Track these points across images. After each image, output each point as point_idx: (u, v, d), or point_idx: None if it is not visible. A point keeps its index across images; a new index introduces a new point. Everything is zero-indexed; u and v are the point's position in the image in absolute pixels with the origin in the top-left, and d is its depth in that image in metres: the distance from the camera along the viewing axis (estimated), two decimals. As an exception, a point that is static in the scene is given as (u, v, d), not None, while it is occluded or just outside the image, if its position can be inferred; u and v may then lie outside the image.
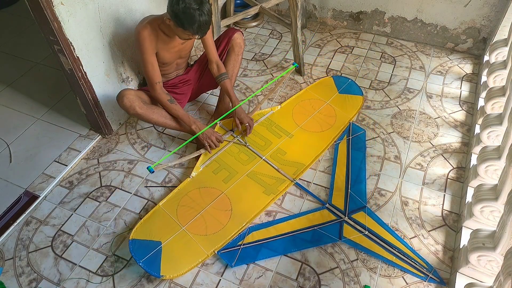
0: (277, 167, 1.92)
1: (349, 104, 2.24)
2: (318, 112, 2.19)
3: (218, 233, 1.68)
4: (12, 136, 2.18)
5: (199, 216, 1.73)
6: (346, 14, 2.77)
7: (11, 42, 2.84)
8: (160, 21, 1.79)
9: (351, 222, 1.71)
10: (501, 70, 2.01)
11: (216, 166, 1.93)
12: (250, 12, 2.41)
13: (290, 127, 2.12)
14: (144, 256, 1.58)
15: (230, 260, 1.61)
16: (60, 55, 1.78)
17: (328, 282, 1.56)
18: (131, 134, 2.19)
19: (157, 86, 1.88)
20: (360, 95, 2.29)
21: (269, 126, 2.12)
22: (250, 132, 2.05)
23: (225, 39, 2.09)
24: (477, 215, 1.56)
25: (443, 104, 2.25)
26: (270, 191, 1.83)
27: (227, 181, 1.87)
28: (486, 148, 1.67)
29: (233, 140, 2.04)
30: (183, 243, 1.65)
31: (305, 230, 1.70)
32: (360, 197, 1.80)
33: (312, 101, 2.26)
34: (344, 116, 2.17)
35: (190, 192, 1.83)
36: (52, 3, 1.60)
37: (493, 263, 1.40)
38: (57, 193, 1.92)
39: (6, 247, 1.73)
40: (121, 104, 1.86)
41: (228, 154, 1.99)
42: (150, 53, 1.81)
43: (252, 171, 1.91)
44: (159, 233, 1.67)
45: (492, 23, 2.39)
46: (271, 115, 2.18)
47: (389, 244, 1.63)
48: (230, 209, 1.76)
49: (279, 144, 2.03)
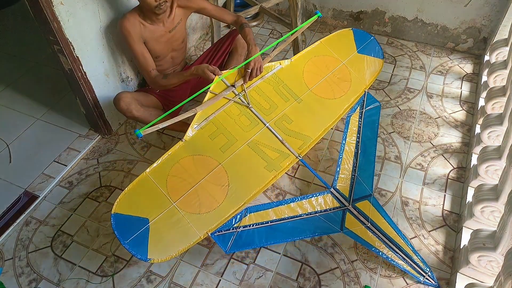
0: (282, 138, 1.71)
1: (367, 68, 2.00)
2: (331, 73, 1.94)
3: (212, 212, 1.51)
4: (12, 136, 2.18)
5: (192, 191, 1.53)
6: (346, 13, 2.77)
7: (11, 42, 2.84)
8: (138, 11, 1.80)
9: (355, 211, 1.62)
10: (502, 70, 2.00)
11: (213, 130, 1.68)
12: (250, 12, 2.41)
13: (299, 89, 1.86)
14: (129, 235, 1.41)
15: (224, 244, 1.49)
16: (59, 55, 1.78)
17: (328, 283, 1.56)
18: (130, 134, 2.18)
19: (152, 73, 1.87)
20: (380, 58, 2.06)
21: (276, 85, 1.85)
22: (253, 75, 1.79)
23: (228, 39, 2.09)
24: (477, 215, 1.55)
25: (444, 104, 2.25)
26: (272, 167, 1.64)
27: (225, 150, 1.64)
28: (486, 148, 1.67)
29: (234, 98, 1.76)
30: (173, 221, 1.47)
31: (306, 216, 1.60)
32: (367, 183, 1.70)
33: (326, 59, 1.98)
34: (360, 82, 1.96)
35: (183, 160, 1.60)
36: (51, 3, 1.60)
37: (494, 263, 1.40)
38: (56, 193, 1.92)
39: (6, 247, 1.72)
40: (117, 107, 1.86)
41: (228, 115, 1.72)
42: (137, 42, 1.81)
43: (254, 140, 1.69)
44: (147, 208, 1.48)
45: (493, 23, 2.38)
46: (279, 70, 1.89)
47: (390, 240, 1.57)
48: (227, 184, 1.57)
49: (285, 110, 1.79)
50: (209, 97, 1.74)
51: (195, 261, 1.64)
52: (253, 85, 1.82)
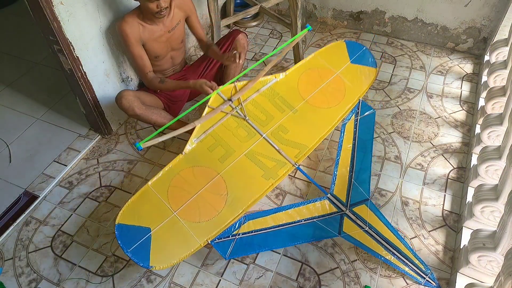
0: (278, 148, 1.76)
1: (361, 77, 2.04)
2: (326, 84, 1.99)
3: (212, 221, 1.56)
4: (12, 136, 2.18)
5: (192, 200, 1.59)
6: (346, 13, 2.77)
7: (11, 42, 2.84)
8: (138, 12, 1.81)
9: (352, 216, 1.63)
10: (502, 70, 2.00)
11: (211, 142, 1.74)
12: (250, 12, 2.41)
13: (294, 100, 1.91)
14: (132, 244, 1.47)
15: (223, 251, 1.52)
16: (59, 55, 1.78)
17: (328, 283, 1.56)
18: (130, 134, 2.18)
19: (148, 75, 1.91)
20: (373, 67, 2.09)
21: (272, 98, 1.90)
22: (235, 59, 1.85)
23: (229, 39, 2.09)
24: (477, 215, 1.55)
25: (444, 104, 2.25)
26: (270, 175, 1.68)
27: (223, 161, 1.70)
28: (486, 148, 1.67)
29: (231, 111, 1.82)
30: (174, 230, 1.52)
31: (304, 222, 1.63)
32: (363, 188, 1.71)
33: (321, 70, 2.03)
34: (354, 91, 1.99)
35: (183, 171, 1.66)
36: (51, 3, 1.60)
37: (494, 263, 1.40)
38: (56, 193, 1.92)
39: (6, 247, 1.72)
40: (119, 105, 1.86)
41: (225, 128, 1.79)
42: (135, 44, 1.83)
43: (251, 151, 1.74)
44: (148, 218, 1.54)
45: (493, 23, 2.38)
46: (275, 83, 1.95)
47: (388, 243, 1.58)
48: (225, 193, 1.63)
49: (281, 120, 1.84)
50: (207, 111, 1.79)
51: (195, 261, 1.64)
52: (249, 99, 1.87)
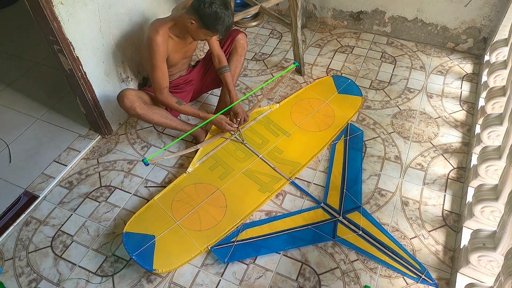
0: (273, 166, 1.92)
1: (348, 105, 2.23)
2: (316, 111, 2.19)
3: (212, 229, 1.68)
4: (11, 136, 2.18)
5: (193, 212, 1.74)
6: (346, 13, 2.77)
7: (11, 42, 2.84)
8: (170, 24, 1.78)
9: (345, 221, 1.71)
10: (502, 70, 2.00)
11: (212, 163, 1.94)
12: (250, 12, 2.41)
13: (288, 126, 2.12)
14: (137, 249, 1.58)
15: (223, 256, 1.61)
16: (59, 55, 1.78)
17: (328, 283, 1.56)
18: (130, 134, 2.18)
19: (164, 90, 1.87)
20: (359, 95, 2.28)
21: (267, 125, 2.12)
22: (241, 123, 2.04)
23: (228, 39, 2.09)
24: (477, 215, 1.55)
25: (444, 104, 2.25)
26: (266, 189, 1.83)
27: (223, 178, 1.87)
28: (486, 148, 1.67)
29: (230, 137, 2.04)
30: (177, 237, 1.65)
31: (299, 228, 1.70)
32: (355, 198, 1.79)
33: (311, 100, 2.26)
34: (343, 116, 2.17)
35: (186, 188, 1.84)
36: (51, 3, 1.60)
37: (494, 263, 1.40)
38: (56, 193, 1.92)
39: (6, 247, 1.72)
40: (121, 104, 1.86)
41: (225, 151, 1.99)
42: (162, 59, 1.80)
43: (248, 169, 1.91)
44: (153, 227, 1.68)
45: (493, 23, 2.38)
46: (270, 113, 2.18)
47: (382, 245, 1.62)
48: (225, 206, 1.77)
49: (276, 143, 2.03)
50: (208, 137, 2.05)
51: (195, 261, 1.64)
52: (246, 126, 2.11)
